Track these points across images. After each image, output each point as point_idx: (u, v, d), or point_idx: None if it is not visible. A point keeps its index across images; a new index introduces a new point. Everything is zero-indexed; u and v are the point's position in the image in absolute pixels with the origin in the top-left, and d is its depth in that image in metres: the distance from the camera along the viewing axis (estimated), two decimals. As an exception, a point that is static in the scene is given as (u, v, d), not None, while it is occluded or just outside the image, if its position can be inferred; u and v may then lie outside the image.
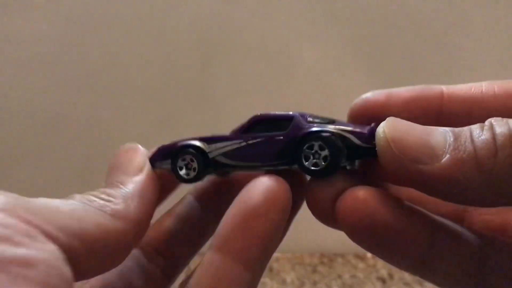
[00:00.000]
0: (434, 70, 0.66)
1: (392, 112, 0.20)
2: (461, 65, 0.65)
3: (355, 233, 0.19)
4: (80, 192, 0.20)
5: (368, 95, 0.22)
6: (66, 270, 0.16)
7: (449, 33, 0.64)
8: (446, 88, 0.21)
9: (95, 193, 0.20)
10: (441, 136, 0.18)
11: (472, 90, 0.21)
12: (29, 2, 0.63)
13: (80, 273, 0.17)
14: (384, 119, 0.20)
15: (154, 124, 0.67)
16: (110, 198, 0.20)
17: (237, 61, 0.65)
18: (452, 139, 0.18)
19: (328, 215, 0.20)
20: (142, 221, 0.20)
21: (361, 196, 0.19)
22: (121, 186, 0.21)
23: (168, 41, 0.65)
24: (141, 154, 0.23)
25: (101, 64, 0.66)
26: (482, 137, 0.17)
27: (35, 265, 0.15)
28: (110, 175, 0.22)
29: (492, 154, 0.17)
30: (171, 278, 0.26)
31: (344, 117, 0.23)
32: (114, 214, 0.19)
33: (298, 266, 0.67)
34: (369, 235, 0.19)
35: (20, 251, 0.15)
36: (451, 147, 0.18)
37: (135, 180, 0.21)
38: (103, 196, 0.20)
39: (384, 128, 0.19)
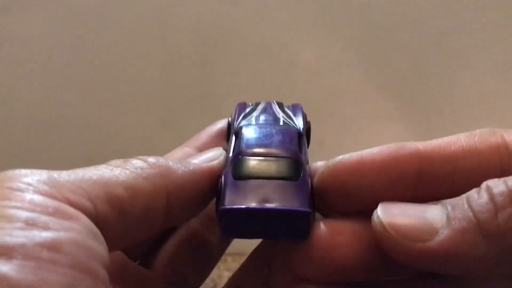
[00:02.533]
0: (434, 70, 0.66)
1: (367, 180, 0.19)
2: (461, 65, 0.65)
3: None
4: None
5: (337, 161, 0.19)
6: (97, 245, 0.16)
7: (449, 33, 0.64)
8: (423, 147, 0.19)
9: (139, 157, 0.20)
10: (436, 209, 0.17)
11: (452, 147, 0.19)
12: (29, 2, 0.63)
13: (114, 240, 0.17)
14: (357, 189, 0.19)
15: (155, 124, 0.67)
16: (150, 160, 0.19)
17: (237, 61, 0.65)
18: (449, 210, 0.17)
19: None
20: (183, 188, 0.20)
21: None
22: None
23: (168, 41, 0.65)
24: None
25: (101, 64, 0.66)
26: (480, 201, 0.16)
27: (62, 248, 0.14)
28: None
29: (493, 215, 0.16)
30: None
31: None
32: (147, 177, 0.19)
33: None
34: None
35: (47, 235, 0.14)
36: (450, 218, 0.17)
37: (200, 158, 0.21)
38: (142, 157, 0.19)
39: (379, 214, 0.18)
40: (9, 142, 0.68)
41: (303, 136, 0.22)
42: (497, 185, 0.17)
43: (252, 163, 0.20)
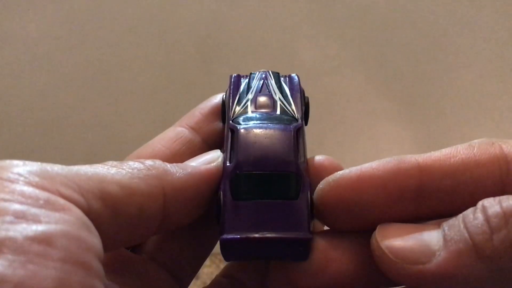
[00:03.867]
0: (434, 70, 0.66)
1: (367, 196, 0.19)
2: (461, 65, 0.65)
3: None
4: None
5: (337, 177, 0.19)
6: (91, 237, 0.15)
7: (449, 33, 0.64)
8: (422, 160, 0.19)
9: (139, 160, 0.19)
10: (434, 230, 0.18)
11: (451, 160, 0.18)
12: (29, 2, 0.63)
13: (107, 239, 0.16)
14: (358, 205, 0.19)
15: (155, 124, 0.67)
16: (147, 162, 0.19)
17: (237, 61, 0.65)
18: (446, 231, 0.17)
19: None
20: (181, 190, 0.19)
21: None
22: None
23: (168, 41, 0.65)
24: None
25: (101, 64, 0.66)
26: (475, 222, 0.17)
27: (53, 241, 0.14)
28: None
29: (488, 237, 0.16)
30: None
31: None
32: (143, 178, 0.18)
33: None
34: None
35: (37, 228, 0.14)
36: (447, 240, 0.17)
37: (198, 161, 0.21)
38: (139, 159, 0.19)
39: (376, 237, 0.18)
40: (9, 142, 0.68)
41: (302, 128, 0.22)
42: (492, 205, 0.17)
43: (251, 181, 0.20)
